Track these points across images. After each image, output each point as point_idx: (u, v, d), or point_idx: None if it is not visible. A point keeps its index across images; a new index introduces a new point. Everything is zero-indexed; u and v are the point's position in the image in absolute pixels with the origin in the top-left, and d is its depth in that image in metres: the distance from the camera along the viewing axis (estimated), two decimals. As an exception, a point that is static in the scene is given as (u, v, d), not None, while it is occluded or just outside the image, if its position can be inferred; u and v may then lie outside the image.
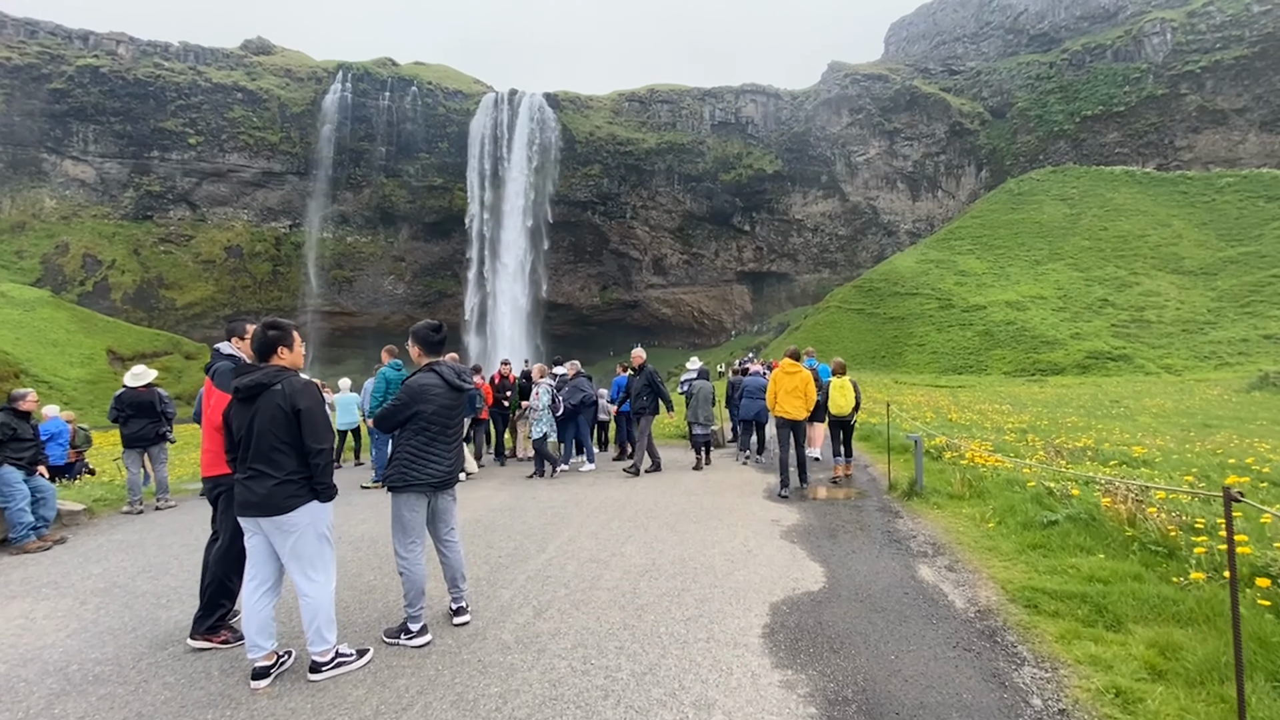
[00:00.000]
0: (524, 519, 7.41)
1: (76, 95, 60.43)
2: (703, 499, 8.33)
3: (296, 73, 67.97)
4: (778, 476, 9.27)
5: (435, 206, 69.95)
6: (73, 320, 50.52)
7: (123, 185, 62.51)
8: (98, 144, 61.70)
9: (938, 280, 58.45)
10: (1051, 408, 22.38)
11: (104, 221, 61.91)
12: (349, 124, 67.07)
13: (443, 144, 69.79)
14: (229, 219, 65.53)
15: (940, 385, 37.69)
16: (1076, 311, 52.44)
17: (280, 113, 65.77)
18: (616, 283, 78.27)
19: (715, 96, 76.09)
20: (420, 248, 71.14)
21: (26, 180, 60.30)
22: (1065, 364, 45.26)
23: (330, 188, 67.28)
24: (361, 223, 69.53)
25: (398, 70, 71.36)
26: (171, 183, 63.52)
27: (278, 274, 66.08)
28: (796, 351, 9.95)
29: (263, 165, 65.45)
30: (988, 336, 50.31)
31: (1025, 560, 5.35)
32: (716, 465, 11.68)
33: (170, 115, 62.83)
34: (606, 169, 73.08)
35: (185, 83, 63.43)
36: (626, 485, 9.56)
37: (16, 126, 59.06)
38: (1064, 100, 72.29)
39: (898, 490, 8.41)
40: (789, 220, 75.94)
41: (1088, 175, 68.66)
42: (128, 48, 63.62)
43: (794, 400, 9.10)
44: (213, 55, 66.37)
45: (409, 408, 4.10)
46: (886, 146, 73.52)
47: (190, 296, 62.36)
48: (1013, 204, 67.05)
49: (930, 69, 78.38)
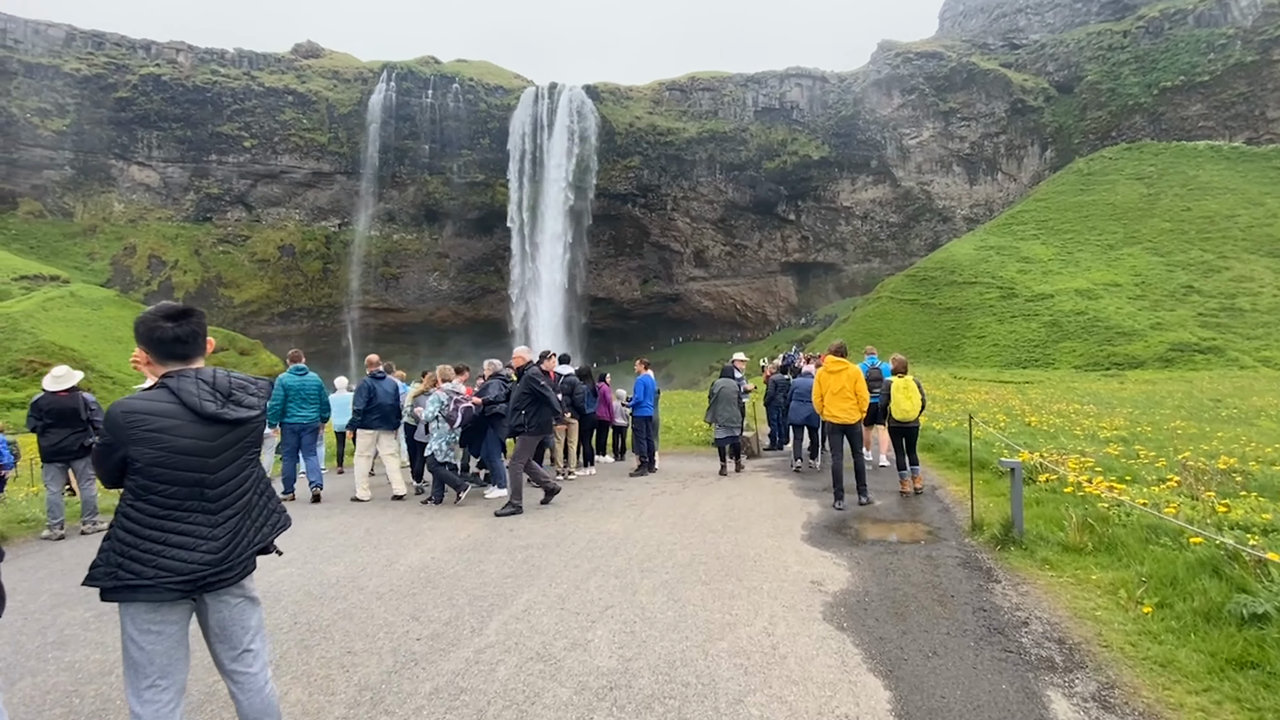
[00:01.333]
0: (481, 568, 5.61)
1: (140, 103, 62.32)
2: (721, 540, 6.34)
3: (344, 74, 68.47)
4: (818, 500, 7.34)
5: (477, 203, 69.45)
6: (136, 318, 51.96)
7: (184, 188, 64.27)
8: (161, 149, 63.55)
9: (999, 268, 54.11)
10: (1144, 408, 19.26)
11: (167, 224, 63.81)
12: (394, 123, 67.15)
13: (484, 140, 69.16)
14: (282, 219, 66.65)
15: (1005, 381, 34.29)
16: (1157, 300, 47.52)
17: (329, 114, 66.36)
18: (657, 276, 76.27)
19: (758, 82, 72.90)
20: (463, 244, 70.85)
21: (97, 186, 62.63)
22: (1145, 357, 40.88)
23: (377, 186, 67.60)
24: (407, 220, 69.68)
25: (440, 68, 71.07)
26: (228, 185, 64.96)
27: (328, 271, 66.89)
28: (842, 346, 8.35)
29: (313, 166, 66.22)
30: (1055, 327, 46.06)
31: (1231, 693, 3.19)
32: (747, 481, 9.64)
33: (226, 120, 64.17)
34: (647, 160, 71.03)
35: (240, 88, 64.64)
36: (631, 512, 7.65)
37: (86, 135, 61.32)
38: (1139, 71, 66.00)
39: (985, 533, 6.21)
40: (836, 208, 72.22)
41: (1167, 151, 62.46)
42: (187, 56, 65.25)
43: (843, 401, 7.79)
44: (265, 60, 67.46)
45: (113, 452, 2.31)
46: (941, 128, 68.86)
47: (247, 294, 63.70)
48: (1082, 185, 61.62)
49: (989, 44, 73.02)
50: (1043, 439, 11.83)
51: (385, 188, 67.86)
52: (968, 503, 7.69)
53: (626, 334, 77.86)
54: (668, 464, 11.55)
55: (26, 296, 48.65)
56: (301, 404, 8.84)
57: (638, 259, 76.14)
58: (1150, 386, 29.37)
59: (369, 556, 6.04)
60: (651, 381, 10.80)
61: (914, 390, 8.67)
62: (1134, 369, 39.44)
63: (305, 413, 8.86)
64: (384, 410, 8.92)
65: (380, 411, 8.90)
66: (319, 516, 7.92)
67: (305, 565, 5.80)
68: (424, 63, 71.04)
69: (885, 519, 7.23)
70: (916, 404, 8.62)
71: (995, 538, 5.95)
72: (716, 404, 11.01)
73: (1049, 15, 72.39)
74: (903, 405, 8.58)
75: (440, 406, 7.97)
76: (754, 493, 8.72)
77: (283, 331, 64.98)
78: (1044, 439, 11.86)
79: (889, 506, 7.86)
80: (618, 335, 77.79)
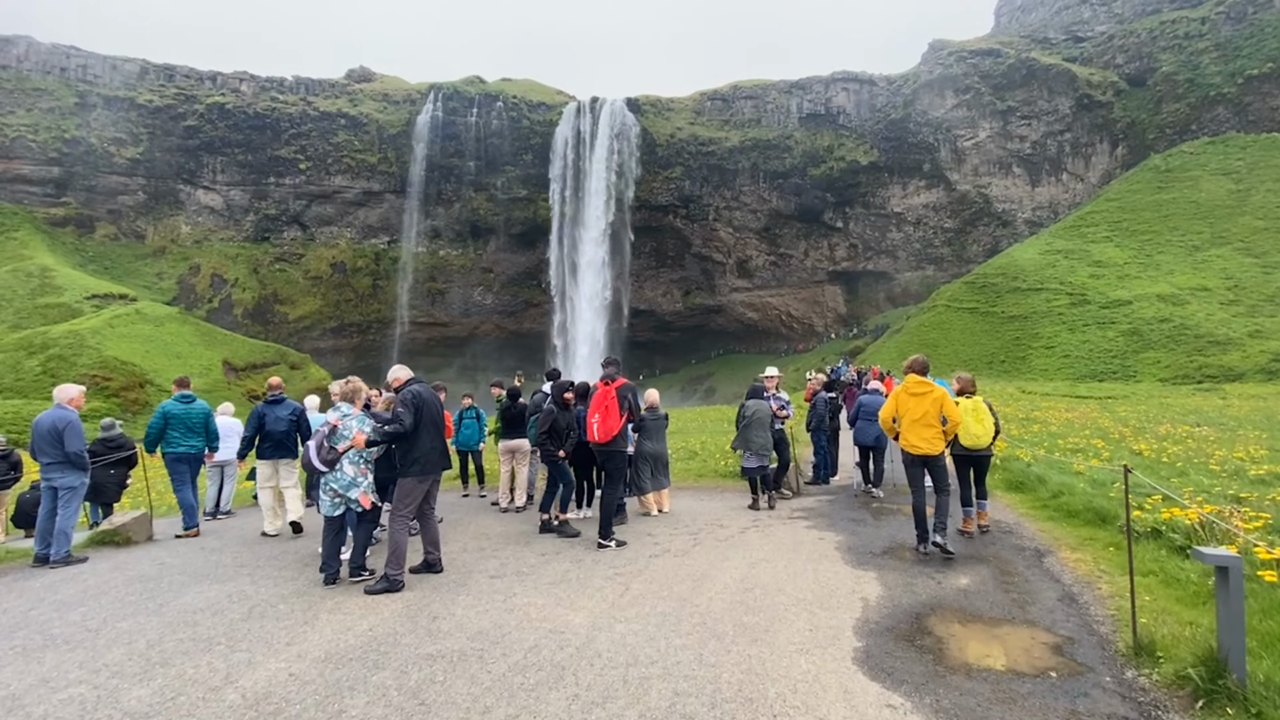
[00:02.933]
0: (342, 705, 3.53)
1: (207, 131, 64.60)
2: (727, 655, 4.09)
3: (393, 96, 69.44)
4: (877, 572, 5.19)
5: (521, 218, 68.95)
6: (195, 334, 53.19)
7: (245, 210, 66.15)
8: (224, 174, 65.65)
9: (1068, 273, 49.46)
10: (1273, 430, 15.73)
11: (229, 244, 65.73)
12: (440, 142, 67.51)
13: (527, 156, 68.72)
14: (334, 237, 67.74)
15: (1081, 396, 30.43)
16: (1254, 305, 42.20)
17: (378, 135, 67.29)
18: (699, 287, 73.90)
19: (803, 88, 70.06)
20: (507, 258, 70.40)
21: (166, 210, 65.12)
22: (1244, 369, 36.05)
23: (423, 204, 68.00)
24: (452, 236, 69.78)
25: (485, 87, 71.28)
26: (285, 206, 66.51)
27: (377, 288, 67.48)
28: (924, 363, 6.95)
29: (363, 185, 67.15)
30: (1136, 336, 41.40)
31: None
32: (781, 533, 7.29)
33: (284, 144, 65.83)
34: (688, 170, 69.07)
35: (297, 113, 66.28)
36: (611, 589, 5.47)
37: (157, 161, 63.89)
38: (1221, 60, 59.95)
39: (1162, 666, 3.73)
40: (887, 214, 68.33)
41: (1256, 144, 56.26)
42: (249, 84, 67.45)
43: (925, 430, 6.46)
44: (320, 86, 69.12)
45: None
46: (999, 128, 64.30)
47: (300, 310, 64.78)
48: (1160, 183, 56.10)
49: (1050, 38, 68.08)
50: (1170, 476, 9.02)
51: (431, 205, 68.17)
52: (1100, 584, 5.19)
53: (668, 346, 75.66)
54: (683, 504, 9.28)
55: (96, 314, 50.40)
56: (186, 433, 7.89)
57: (679, 270, 74.01)
58: (1262, 403, 25.15)
59: (204, 669, 4.07)
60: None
61: (985, 412, 7.16)
62: (1231, 382, 34.71)
63: (190, 442, 7.97)
64: (275, 438, 7.80)
65: (272, 440, 7.79)
66: (214, 577, 6.05)
67: (104, 686, 3.87)
68: (469, 82, 71.44)
69: (980, 612, 4.80)
70: (989, 429, 7.09)
71: (1186, 680, 3.48)
72: (748, 429, 9.00)
73: (1116, 5, 66.97)
74: (972, 429, 7.01)
75: (317, 442, 5.67)
76: (788, 556, 6.37)
77: (334, 346, 65.78)
78: (1172, 476, 9.04)
79: (982, 582, 5.42)
80: (659, 347, 75.70)
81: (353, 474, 5.61)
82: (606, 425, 7.07)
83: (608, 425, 7.06)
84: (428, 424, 5.81)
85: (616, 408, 7.10)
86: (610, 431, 7.07)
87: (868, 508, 8.77)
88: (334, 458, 5.53)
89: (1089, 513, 7.23)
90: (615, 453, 7.31)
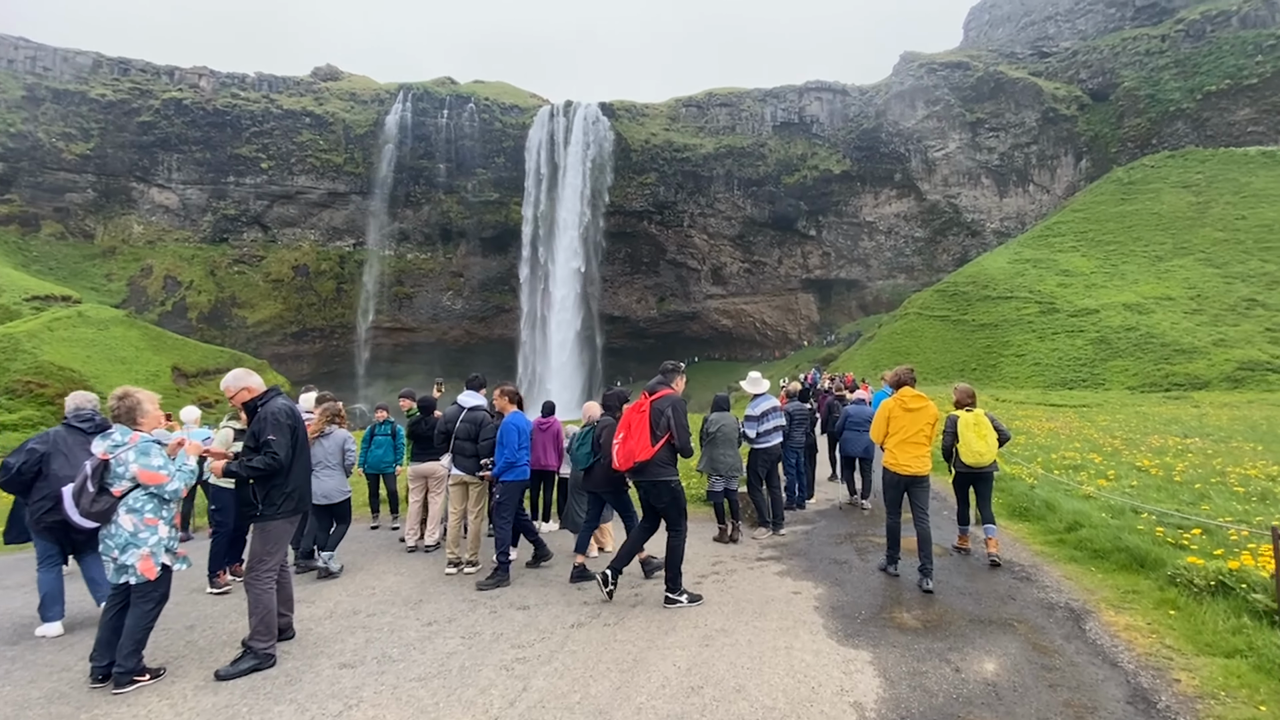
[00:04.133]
0: None
1: (162, 127, 61.36)
2: None
3: (361, 95, 67.00)
4: (872, 654, 3.79)
5: (492, 221, 66.90)
6: (143, 338, 50.01)
7: (202, 210, 62.94)
8: (180, 172, 62.40)
9: (1036, 282, 49.32)
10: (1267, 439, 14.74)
11: (184, 245, 62.42)
12: (409, 143, 65.22)
13: (499, 159, 66.81)
14: (297, 239, 64.85)
15: (1055, 404, 29.63)
16: (1216, 314, 42.29)
17: (345, 135, 64.75)
18: (674, 294, 72.61)
19: (777, 97, 69.52)
20: (478, 262, 68.22)
21: (118, 208, 61.63)
22: (1210, 377, 35.78)
23: (391, 206, 65.54)
24: (421, 239, 67.39)
25: (456, 88, 69.26)
26: (245, 206, 63.47)
27: (341, 291, 64.70)
28: (911, 375, 6.30)
29: (328, 186, 64.47)
30: (1104, 345, 41.12)
31: None
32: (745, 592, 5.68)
33: (245, 142, 62.88)
34: (663, 176, 67.86)
35: (259, 110, 63.42)
36: (498, 697, 3.81)
37: (109, 158, 60.43)
38: (1180, 76, 60.93)
39: None
40: (859, 223, 67.97)
41: (1215, 158, 57.12)
42: (209, 80, 64.39)
43: (916, 449, 5.86)
44: (284, 83, 66.35)
45: None
46: (968, 139, 64.45)
47: (260, 315, 61.71)
48: (1123, 194, 56.56)
49: (1017, 53, 68.67)
50: (1191, 500, 7.70)
51: (400, 207, 65.73)
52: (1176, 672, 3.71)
53: (643, 353, 74.07)
54: (634, 537, 7.67)
55: (35, 317, 47.00)
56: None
57: (654, 276, 72.65)
58: (1236, 411, 24.52)
59: None
60: (524, 423, 6.45)
61: (987, 426, 6.42)
62: (1198, 390, 34.39)
63: None
64: None
65: None
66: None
67: None
68: (440, 83, 69.34)
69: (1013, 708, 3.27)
70: (992, 444, 6.35)
71: None
72: (713, 447, 7.60)
73: (1080, 22, 67.87)
74: (975, 446, 6.28)
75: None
76: (753, 625, 4.78)
77: (295, 351, 62.78)
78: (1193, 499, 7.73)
79: (1014, 668, 3.90)
80: (634, 354, 74.09)
81: (131, 528, 3.88)
82: (627, 448, 5.29)
83: (628, 448, 5.28)
84: (302, 449, 4.49)
85: (646, 427, 5.29)
86: (632, 456, 5.27)
87: (852, 542, 7.26)
88: (105, 507, 3.80)
89: (1122, 554, 5.81)
90: (653, 485, 5.43)
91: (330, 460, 6.63)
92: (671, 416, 5.30)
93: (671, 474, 5.38)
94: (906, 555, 6.14)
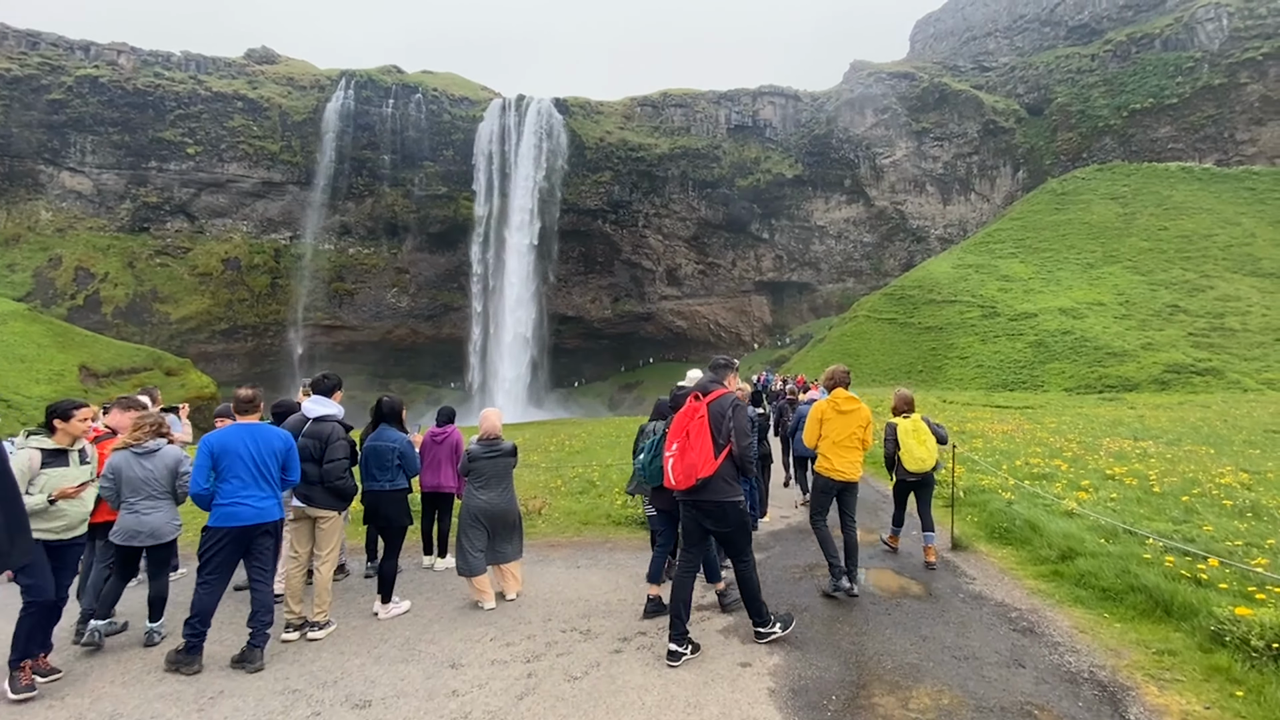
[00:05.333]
0: None
1: (75, 106, 56.07)
2: None
3: (299, 81, 63.06)
4: None
5: (440, 216, 64.04)
6: (47, 334, 45.28)
7: (119, 197, 57.84)
8: (95, 155, 57.18)
9: (979, 286, 50.29)
10: (1213, 442, 14.48)
11: (99, 234, 57.22)
12: (351, 132, 61.73)
13: (448, 152, 64.03)
14: (227, 230, 60.42)
15: (1000, 405, 29.71)
16: (1144, 319, 43.87)
17: (281, 121, 60.74)
18: (629, 294, 71.34)
19: (731, 99, 69.22)
20: (425, 259, 65.20)
21: (23, 193, 55.99)
22: (1139, 379, 36.87)
23: (332, 198, 61.86)
24: (364, 234, 63.90)
25: (403, 77, 66.08)
26: (169, 194, 58.68)
27: (276, 287, 60.61)
28: (845, 376, 6.01)
29: (262, 175, 60.32)
30: (1042, 348, 42.02)
31: None
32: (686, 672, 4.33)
33: (169, 125, 58.15)
34: (618, 175, 66.51)
35: (185, 92, 58.78)
36: None
37: (14, 139, 54.80)
38: (1108, 94, 63.64)
39: None
40: (810, 227, 68.32)
41: (1139, 173, 59.81)
42: (129, 58, 59.33)
43: (849, 454, 5.61)
44: (214, 64, 61.80)
45: None
46: (915, 148, 65.62)
47: (185, 310, 57.10)
48: (1057, 204, 58.52)
49: (960, 66, 70.48)
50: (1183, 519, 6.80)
51: (341, 199, 62.11)
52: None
53: (597, 354, 72.55)
54: (550, 577, 6.20)
55: (-84, 309, 41.91)
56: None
57: (609, 277, 71.18)
58: (1170, 412, 24.90)
59: None
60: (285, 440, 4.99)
61: (926, 432, 6.38)
62: (1129, 391, 35.36)
63: None
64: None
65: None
66: None
67: None
68: (386, 71, 66.00)
69: None
70: (933, 449, 6.33)
71: None
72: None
73: (1018, 39, 70.20)
74: (916, 453, 6.28)
75: None
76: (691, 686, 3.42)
77: (225, 350, 58.42)
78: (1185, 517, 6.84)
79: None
80: (588, 355, 72.47)
81: None
82: (687, 462, 4.23)
83: (689, 462, 4.22)
84: None
85: (707, 435, 4.26)
86: (694, 471, 4.20)
87: (813, 576, 6.03)
88: None
89: (1138, 595, 4.74)
90: (718, 507, 4.34)
91: (158, 488, 4.93)
92: (734, 419, 4.31)
93: (738, 493, 4.43)
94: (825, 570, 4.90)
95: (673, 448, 4.33)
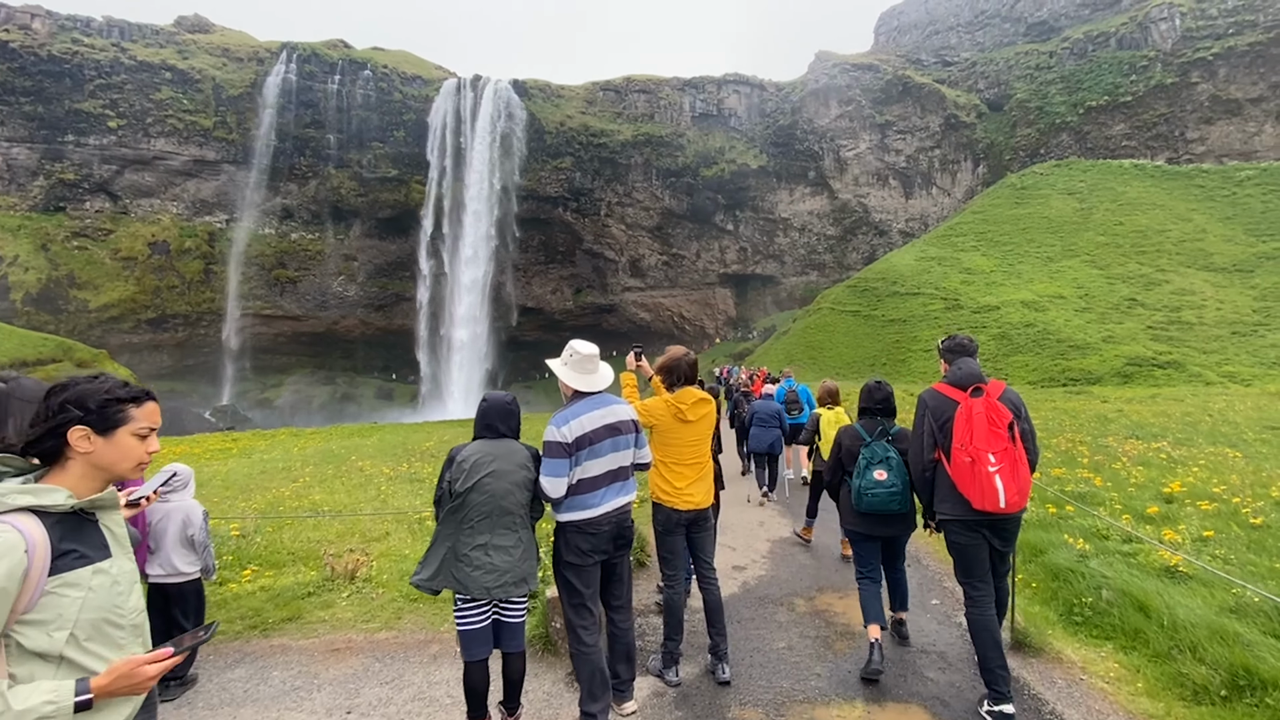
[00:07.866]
0: None
1: (-22, 71, 50.22)
2: None
3: (235, 52, 58.05)
4: None
5: (390, 201, 59.98)
6: (-63, 322, 40.17)
7: (31, 173, 52.17)
8: (4, 127, 51.40)
9: (941, 279, 49.17)
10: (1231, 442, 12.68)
11: (9, 214, 51.55)
12: (293, 109, 57.13)
13: (399, 133, 59.97)
14: (155, 211, 55.24)
15: (970, 398, 28.07)
16: (1103, 312, 43.27)
17: (215, 95, 55.76)
18: (591, 285, 68.50)
19: (696, 87, 66.86)
20: (374, 245, 61.07)
21: (-84, 165, 49.95)
22: (1102, 372, 35.93)
23: (272, 179, 57.20)
24: (308, 217, 59.39)
25: (350, 53, 61.61)
26: (88, 170, 53.23)
27: (210, 273, 55.76)
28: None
29: (194, 153, 55.30)
30: (1005, 340, 40.95)
31: None
32: None
33: (88, 96, 52.68)
34: (579, 162, 63.48)
35: (106, 60, 53.34)
36: None
37: (-95, 104, 48.76)
38: (1066, 91, 63.48)
39: None
40: (774, 219, 66.58)
41: (1095, 169, 59.80)
42: (44, 22, 53.49)
43: (692, 473, 4.53)
44: (140, 31, 56.34)
45: None
46: (878, 140, 64.40)
47: (106, 298, 51.94)
48: (1016, 199, 58.00)
49: (923, 60, 69.57)
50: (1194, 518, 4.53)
51: (282, 181, 57.49)
52: None
53: (557, 346, 68.66)
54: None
55: None
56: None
57: (570, 267, 68.19)
58: (1143, 405, 23.54)
59: None
60: None
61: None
62: (1092, 384, 34.35)
63: None
64: None
65: None
66: None
67: None
68: (331, 46, 61.42)
69: None
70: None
71: None
72: None
73: (979, 34, 69.64)
74: None
75: None
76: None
77: (152, 341, 53.45)
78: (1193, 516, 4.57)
79: None
80: (549, 348, 69.11)
81: None
82: (1021, 477, 3.49)
83: (1023, 477, 3.50)
84: None
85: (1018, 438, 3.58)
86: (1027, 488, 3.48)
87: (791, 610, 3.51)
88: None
89: None
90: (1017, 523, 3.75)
91: None
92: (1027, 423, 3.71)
93: None
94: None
95: (999, 462, 3.44)
